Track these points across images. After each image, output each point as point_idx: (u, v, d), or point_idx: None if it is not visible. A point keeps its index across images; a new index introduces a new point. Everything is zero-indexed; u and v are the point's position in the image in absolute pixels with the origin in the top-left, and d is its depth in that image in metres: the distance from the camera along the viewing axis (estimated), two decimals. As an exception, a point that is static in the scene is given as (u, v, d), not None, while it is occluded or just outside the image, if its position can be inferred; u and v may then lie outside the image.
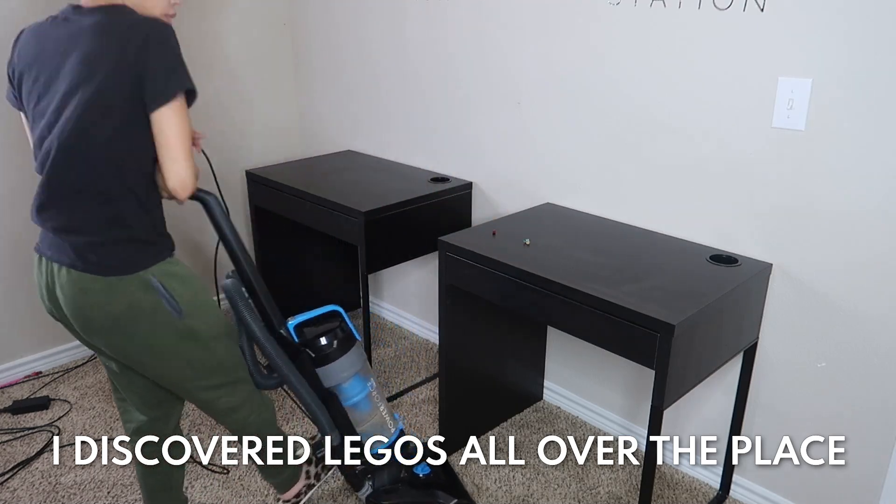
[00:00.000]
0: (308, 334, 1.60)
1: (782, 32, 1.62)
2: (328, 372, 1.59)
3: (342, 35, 2.83)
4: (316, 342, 1.59)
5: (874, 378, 1.67)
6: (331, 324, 1.64)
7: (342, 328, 1.64)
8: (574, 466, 2.15)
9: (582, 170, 2.14)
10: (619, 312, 1.54)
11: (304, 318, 1.62)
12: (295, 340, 1.59)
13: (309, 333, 1.61)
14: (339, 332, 1.62)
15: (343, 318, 1.66)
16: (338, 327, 1.63)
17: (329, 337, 1.60)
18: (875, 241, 1.59)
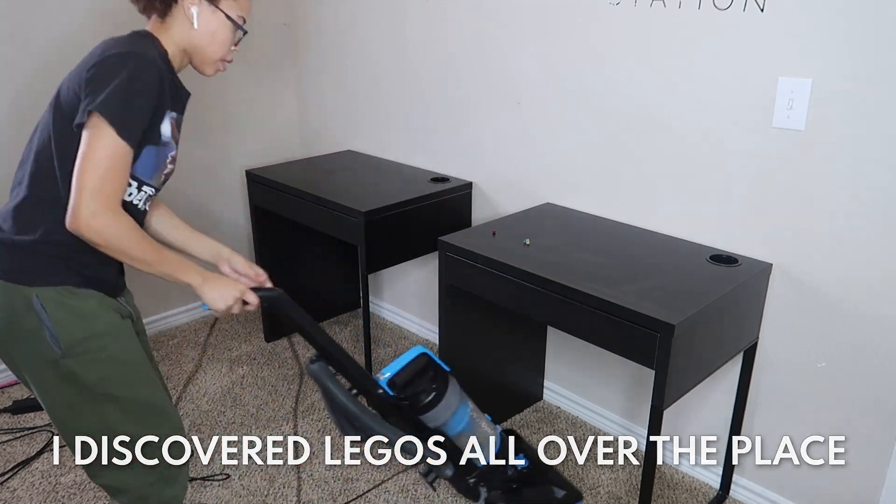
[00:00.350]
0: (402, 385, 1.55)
1: (782, 32, 1.62)
2: (430, 416, 1.55)
3: (342, 35, 2.83)
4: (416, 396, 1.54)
5: (874, 378, 1.67)
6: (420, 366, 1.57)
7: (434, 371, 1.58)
8: (574, 466, 2.15)
9: (582, 170, 2.14)
10: (619, 312, 1.54)
11: (393, 370, 1.55)
12: (390, 395, 1.55)
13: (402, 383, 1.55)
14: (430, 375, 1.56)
15: (431, 359, 1.59)
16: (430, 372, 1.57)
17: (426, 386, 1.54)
18: (875, 241, 1.59)
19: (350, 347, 2.83)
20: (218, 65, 1.59)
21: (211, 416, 2.39)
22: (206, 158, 2.95)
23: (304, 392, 2.52)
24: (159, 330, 2.97)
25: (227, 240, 3.24)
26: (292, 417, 2.38)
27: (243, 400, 2.48)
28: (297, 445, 2.24)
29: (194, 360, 2.74)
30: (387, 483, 2.07)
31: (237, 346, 2.84)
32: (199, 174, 2.95)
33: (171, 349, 2.82)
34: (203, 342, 2.89)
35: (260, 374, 2.65)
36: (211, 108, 2.90)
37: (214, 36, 1.51)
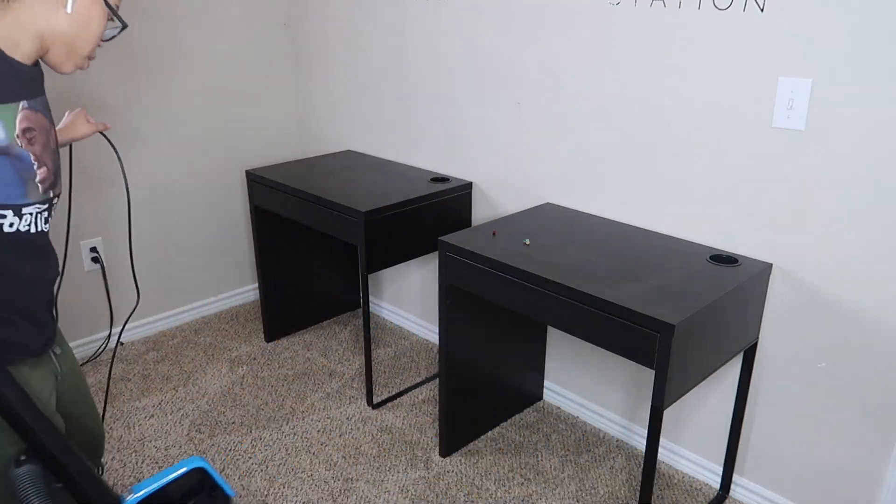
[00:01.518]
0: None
1: (782, 32, 1.62)
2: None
3: (342, 35, 2.83)
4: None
5: (874, 378, 1.67)
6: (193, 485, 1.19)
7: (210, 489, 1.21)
8: (574, 466, 2.15)
9: (582, 170, 2.14)
10: (619, 312, 1.54)
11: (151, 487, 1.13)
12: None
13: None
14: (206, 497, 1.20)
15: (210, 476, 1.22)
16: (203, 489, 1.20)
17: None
18: (875, 241, 1.59)
19: (350, 347, 2.83)
20: (82, 62, 1.25)
21: (211, 416, 2.39)
22: (206, 158, 2.95)
23: (305, 392, 2.52)
24: (159, 330, 2.97)
25: (227, 240, 3.26)
26: (292, 417, 2.38)
27: (243, 400, 2.48)
28: (298, 445, 2.24)
29: (194, 360, 2.74)
30: (387, 483, 2.07)
31: (237, 346, 2.84)
32: (199, 174, 2.95)
33: (170, 349, 2.82)
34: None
35: (260, 374, 2.65)
36: (211, 108, 2.90)
37: (89, 26, 1.19)
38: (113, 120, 2.64)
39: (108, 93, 2.61)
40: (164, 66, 2.73)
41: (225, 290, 3.17)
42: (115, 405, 2.45)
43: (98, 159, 2.65)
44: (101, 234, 2.72)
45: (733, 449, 1.95)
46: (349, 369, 2.68)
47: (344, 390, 2.54)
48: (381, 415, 2.40)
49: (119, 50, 2.59)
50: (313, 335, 2.94)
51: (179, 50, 2.75)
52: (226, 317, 3.10)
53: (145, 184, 2.80)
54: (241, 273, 3.22)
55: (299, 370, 2.67)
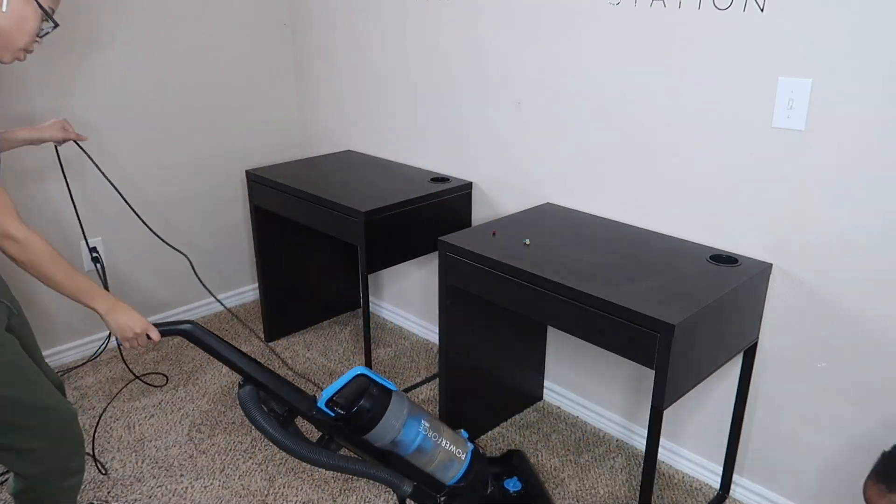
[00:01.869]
0: (341, 405, 1.52)
1: (782, 32, 1.62)
2: (376, 435, 1.52)
3: (342, 35, 2.83)
4: (353, 413, 1.51)
5: (874, 378, 1.67)
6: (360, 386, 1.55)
7: (374, 386, 1.56)
8: (574, 466, 2.15)
9: (582, 170, 2.14)
10: (619, 312, 1.54)
11: (331, 391, 1.53)
12: (331, 416, 1.52)
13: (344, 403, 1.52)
14: (372, 392, 1.54)
15: (371, 377, 1.58)
16: (368, 387, 1.55)
17: (363, 402, 1.51)
18: (875, 241, 1.59)
19: (350, 347, 2.83)
20: (19, 54, 1.46)
21: (211, 416, 2.39)
22: (206, 158, 2.95)
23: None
24: (159, 330, 2.97)
25: (228, 239, 3.26)
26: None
27: (243, 400, 2.48)
28: (297, 445, 2.24)
29: (194, 360, 2.74)
30: (387, 483, 2.07)
31: (237, 347, 2.84)
32: (200, 174, 2.95)
33: (171, 349, 2.82)
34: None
35: (260, 374, 2.64)
36: (211, 108, 2.90)
37: (23, 23, 1.41)
38: (113, 119, 2.64)
39: (108, 93, 2.61)
40: (163, 66, 2.72)
41: (225, 290, 3.17)
42: (115, 405, 2.45)
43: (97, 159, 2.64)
44: (101, 234, 2.72)
45: (733, 449, 1.95)
46: (349, 369, 2.67)
47: (344, 390, 2.54)
48: (381, 415, 2.40)
49: (119, 49, 2.59)
50: (313, 335, 2.94)
51: (179, 50, 2.75)
52: (226, 317, 3.10)
53: (146, 183, 2.80)
54: (241, 273, 3.22)
55: (299, 370, 2.67)
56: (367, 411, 1.51)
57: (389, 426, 1.52)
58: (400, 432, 1.54)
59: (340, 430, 1.53)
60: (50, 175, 2.53)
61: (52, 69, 2.47)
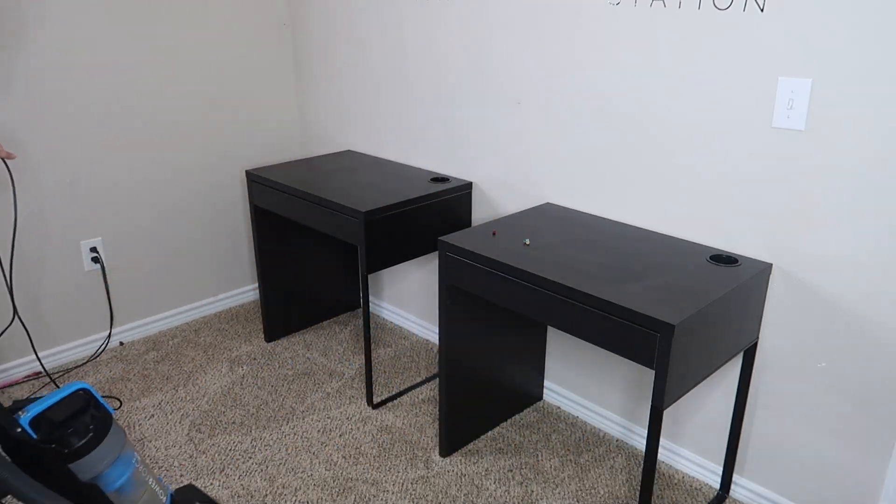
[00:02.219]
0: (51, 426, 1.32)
1: (782, 32, 1.62)
2: (84, 465, 1.34)
3: (342, 35, 2.83)
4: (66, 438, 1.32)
5: (874, 378, 1.67)
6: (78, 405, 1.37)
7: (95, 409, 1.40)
8: (574, 466, 2.15)
9: (582, 170, 2.14)
10: (619, 312, 1.54)
11: (40, 407, 1.34)
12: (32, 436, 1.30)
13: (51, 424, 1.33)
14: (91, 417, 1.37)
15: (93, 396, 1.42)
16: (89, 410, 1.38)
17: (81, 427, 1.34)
18: (875, 241, 1.59)
19: (350, 347, 2.83)
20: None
21: (211, 416, 2.39)
22: (206, 158, 2.95)
23: (305, 392, 2.53)
24: (159, 330, 2.97)
25: (228, 240, 3.26)
26: (292, 417, 2.38)
27: (243, 400, 2.48)
28: (298, 445, 2.24)
29: (194, 360, 2.74)
30: (386, 483, 2.07)
31: (237, 347, 2.84)
32: (199, 174, 2.95)
33: (171, 349, 2.82)
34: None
35: (260, 374, 2.65)
36: (211, 108, 2.90)
37: None
38: (112, 119, 2.64)
39: (109, 93, 2.61)
40: (163, 66, 2.73)
41: (225, 290, 3.18)
42: (114, 405, 2.45)
43: (98, 159, 2.65)
44: (101, 234, 2.72)
45: (733, 449, 1.95)
46: (349, 369, 2.68)
47: (344, 390, 2.54)
48: (381, 415, 2.40)
49: (118, 50, 2.59)
50: (313, 335, 2.94)
51: (179, 49, 2.75)
52: (226, 317, 3.10)
53: (146, 184, 2.80)
54: (241, 273, 3.22)
55: (299, 370, 2.68)
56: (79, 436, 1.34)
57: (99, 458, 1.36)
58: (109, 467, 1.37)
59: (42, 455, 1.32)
60: (50, 175, 2.53)
61: (52, 69, 2.47)
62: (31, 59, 2.40)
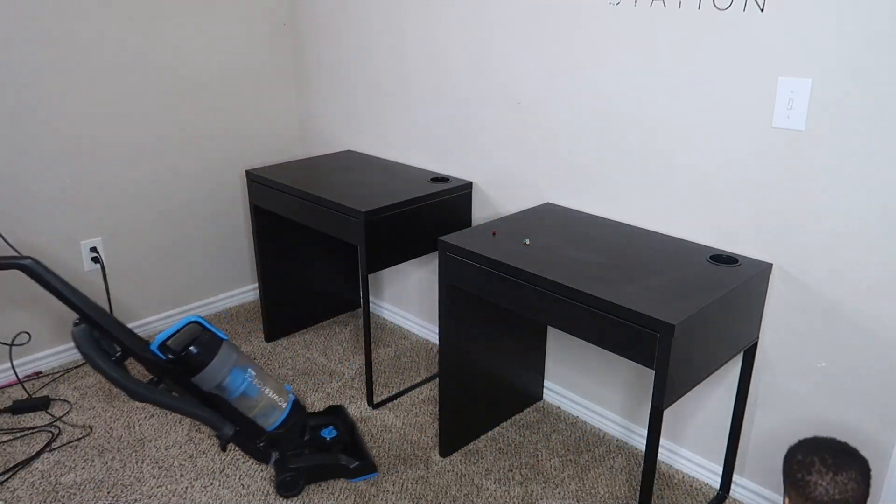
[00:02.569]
0: (172, 349, 1.67)
1: (782, 32, 1.62)
2: (204, 377, 1.68)
3: (342, 35, 2.83)
4: (183, 355, 1.67)
5: (874, 378, 1.67)
6: (193, 333, 1.71)
7: (205, 333, 1.73)
8: (574, 466, 2.15)
9: (582, 170, 2.14)
10: (619, 312, 1.54)
11: (165, 335, 1.69)
12: (162, 359, 1.66)
13: (177, 348, 1.68)
14: (202, 339, 1.70)
15: (204, 325, 1.75)
16: (200, 334, 1.72)
17: (194, 346, 1.68)
18: (875, 241, 1.59)
19: (350, 347, 2.83)
20: None
21: (211, 416, 2.39)
22: (206, 158, 2.95)
23: (305, 392, 2.52)
24: (159, 329, 2.97)
25: (228, 240, 3.27)
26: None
27: (243, 400, 2.48)
28: (297, 445, 2.24)
29: (194, 360, 2.74)
30: (386, 483, 2.07)
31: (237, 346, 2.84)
32: (200, 174, 2.95)
33: (171, 349, 2.82)
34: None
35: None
36: (211, 108, 2.90)
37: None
38: (113, 119, 2.64)
39: (109, 92, 2.61)
40: (164, 66, 2.73)
41: (225, 290, 3.18)
42: (114, 405, 2.45)
43: (98, 159, 2.65)
44: (101, 234, 2.72)
45: (733, 449, 1.95)
46: (349, 369, 2.68)
47: (344, 390, 2.54)
48: (381, 415, 2.40)
49: (118, 49, 2.59)
50: (313, 335, 2.94)
51: (179, 50, 2.75)
52: (226, 317, 3.10)
53: (146, 184, 2.80)
54: (241, 273, 3.22)
55: (299, 370, 2.68)
56: (196, 356, 1.67)
57: (216, 371, 1.68)
58: (226, 378, 1.70)
59: (170, 371, 1.67)
60: (50, 175, 2.53)
61: (49, 68, 2.47)
62: (31, 59, 2.40)
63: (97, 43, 2.54)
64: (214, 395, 1.72)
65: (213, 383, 1.70)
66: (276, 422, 1.84)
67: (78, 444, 2.24)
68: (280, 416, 1.85)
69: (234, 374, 1.74)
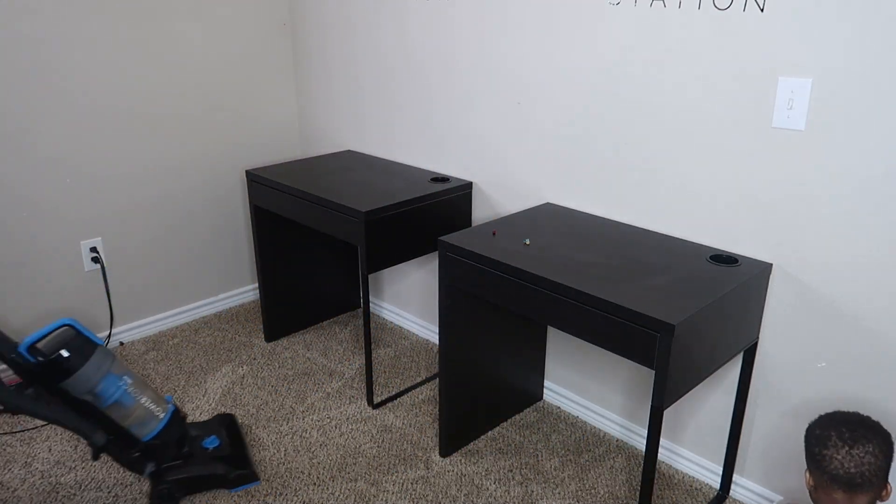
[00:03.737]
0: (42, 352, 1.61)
1: (782, 32, 1.62)
2: (75, 382, 1.62)
3: (342, 35, 2.83)
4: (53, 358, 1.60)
5: (874, 378, 1.67)
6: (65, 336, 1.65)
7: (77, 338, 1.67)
8: (574, 466, 2.15)
9: (582, 170, 2.14)
10: (619, 312, 1.54)
11: (35, 337, 1.62)
12: (31, 361, 1.59)
13: (42, 350, 1.61)
14: (75, 343, 1.64)
15: (77, 329, 1.69)
16: (72, 338, 1.65)
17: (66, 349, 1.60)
18: (875, 241, 1.59)
19: (350, 347, 2.83)
20: None
21: (211, 416, 2.39)
22: (206, 158, 2.95)
23: (305, 392, 2.53)
24: (159, 330, 2.97)
25: (228, 240, 3.26)
26: (292, 417, 2.38)
27: (243, 400, 2.48)
28: (298, 445, 2.24)
29: (194, 360, 2.74)
30: (386, 483, 2.07)
31: (237, 347, 2.84)
32: (199, 174, 2.95)
33: (170, 349, 2.82)
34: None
35: (260, 374, 2.65)
36: (211, 108, 2.90)
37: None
38: (113, 119, 2.64)
39: (109, 92, 2.61)
40: (163, 66, 2.73)
41: (225, 290, 3.18)
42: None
43: (98, 159, 2.65)
44: (101, 234, 2.72)
45: (733, 449, 1.95)
46: (349, 369, 2.68)
47: (344, 390, 2.54)
48: (381, 415, 2.40)
49: (118, 49, 2.59)
50: (313, 335, 2.94)
51: (180, 49, 2.75)
52: (226, 317, 3.10)
53: (146, 184, 2.80)
54: (241, 273, 3.22)
55: (299, 370, 2.68)
56: (66, 360, 1.59)
57: (87, 377, 1.61)
58: (98, 385, 1.63)
59: (39, 376, 1.60)
60: (50, 175, 2.53)
61: (49, 68, 2.47)
62: (31, 59, 2.40)
63: (97, 43, 2.54)
64: (86, 401, 1.65)
65: (85, 389, 1.63)
66: (153, 432, 1.79)
67: (78, 444, 2.24)
68: (157, 427, 1.79)
69: (108, 380, 1.67)
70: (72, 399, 1.64)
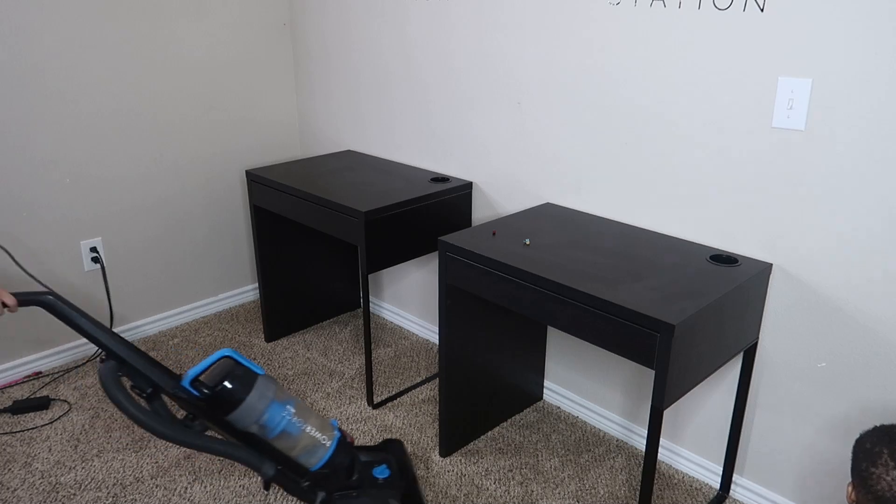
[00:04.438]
0: (205, 385, 1.57)
1: (782, 32, 1.62)
2: (239, 416, 1.57)
3: (342, 35, 2.83)
4: (216, 392, 1.56)
5: (874, 378, 1.67)
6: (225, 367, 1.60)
7: (239, 368, 1.61)
8: (574, 466, 2.15)
9: (582, 170, 2.14)
10: (619, 312, 1.54)
11: (196, 371, 1.59)
12: (196, 395, 1.56)
13: (206, 383, 1.57)
14: (236, 373, 1.59)
15: (237, 359, 1.64)
16: (234, 369, 1.60)
17: (227, 382, 1.56)
18: (875, 241, 1.59)
19: (350, 347, 2.83)
20: None
21: (211, 416, 2.38)
22: (206, 158, 2.95)
23: (305, 392, 2.53)
24: (159, 330, 2.97)
25: (228, 240, 3.26)
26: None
27: (243, 400, 2.48)
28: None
29: (194, 360, 2.74)
30: (387, 483, 2.07)
31: (237, 347, 2.84)
32: (200, 174, 2.95)
33: (170, 349, 2.82)
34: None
35: (260, 374, 2.64)
36: (211, 108, 2.90)
37: None
38: (113, 119, 2.64)
39: (109, 92, 2.61)
40: (163, 67, 2.73)
41: (225, 290, 3.18)
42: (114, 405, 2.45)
43: (97, 159, 2.65)
44: (101, 234, 2.72)
45: (733, 449, 1.95)
46: (349, 369, 2.68)
47: (344, 390, 2.54)
48: (381, 415, 2.40)
49: (118, 49, 2.59)
50: (313, 335, 2.94)
51: (180, 49, 2.75)
52: (226, 317, 3.10)
53: (146, 183, 2.80)
54: (241, 273, 3.22)
55: (299, 370, 2.68)
56: (231, 392, 1.54)
57: (252, 408, 1.55)
58: (263, 415, 1.57)
59: (204, 409, 1.56)
60: (50, 175, 2.53)
61: (49, 68, 2.47)
62: (31, 59, 2.40)
63: (96, 43, 2.54)
64: (252, 434, 1.60)
65: (251, 420, 1.57)
66: (321, 461, 1.69)
67: (78, 444, 2.24)
68: (325, 456, 1.69)
69: (272, 410, 1.59)
70: (238, 431, 1.58)
